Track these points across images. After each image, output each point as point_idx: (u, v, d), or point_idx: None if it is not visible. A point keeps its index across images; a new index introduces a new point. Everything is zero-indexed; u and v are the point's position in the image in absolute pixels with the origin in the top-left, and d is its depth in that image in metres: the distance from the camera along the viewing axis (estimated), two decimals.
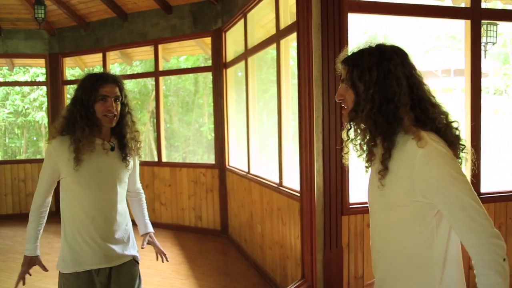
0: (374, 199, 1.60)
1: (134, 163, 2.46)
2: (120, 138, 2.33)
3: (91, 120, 2.19)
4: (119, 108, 2.27)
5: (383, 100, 1.47)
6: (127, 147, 2.33)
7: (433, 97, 1.54)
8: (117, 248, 2.31)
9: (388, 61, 1.49)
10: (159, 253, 2.59)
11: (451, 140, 1.50)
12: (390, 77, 1.47)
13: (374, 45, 1.54)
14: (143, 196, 2.64)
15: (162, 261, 2.59)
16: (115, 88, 2.24)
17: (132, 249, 2.42)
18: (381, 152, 1.49)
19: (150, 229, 2.60)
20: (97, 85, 2.21)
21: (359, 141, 1.63)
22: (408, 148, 1.43)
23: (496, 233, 1.34)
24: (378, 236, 1.60)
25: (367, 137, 1.54)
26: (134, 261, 2.42)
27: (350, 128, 1.61)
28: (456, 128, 1.53)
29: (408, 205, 1.46)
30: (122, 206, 2.36)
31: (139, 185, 2.62)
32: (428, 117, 1.49)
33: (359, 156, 1.67)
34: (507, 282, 1.34)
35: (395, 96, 1.46)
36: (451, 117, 1.54)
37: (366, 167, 1.68)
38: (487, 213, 1.37)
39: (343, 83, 1.57)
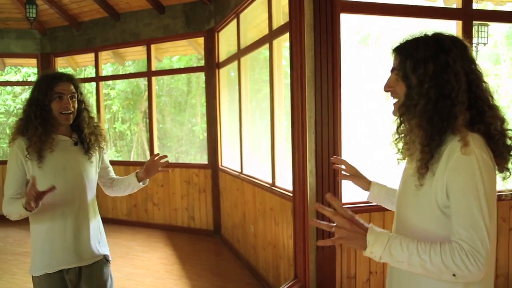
0: (406, 199, 1.49)
1: (100, 157, 2.47)
2: (80, 134, 2.37)
3: (46, 119, 2.23)
4: (75, 105, 2.31)
5: (439, 96, 1.36)
6: (85, 141, 2.35)
7: (492, 97, 1.42)
8: (88, 245, 2.31)
9: (446, 54, 1.38)
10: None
11: (501, 151, 1.39)
12: (448, 72, 1.36)
13: (430, 35, 1.44)
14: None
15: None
16: (70, 86, 2.28)
17: (104, 248, 2.42)
18: (421, 150, 1.38)
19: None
20: (52, 84, 2.25)
21: (400, 136, 1.53)
22: (449, 149, 1.34)
23: (482, 268, 1.27)
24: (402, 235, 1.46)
25: (419, 134, 1.39)
26: (105, 260, 2.41)
27: (401, 123, 1.49)
28: (510, 138, 1.41)
29: (438, 208, 1.38)
30: (92, 202, 2.38)
31: (114, 175, 2.61)
32: (484, 121, 1.38)
33: (399, 152, 1.57)
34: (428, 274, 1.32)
35: (453, 93, 1.35)
36: (507, 124, 1.43)
37: (399, 159, 1.58)
38: None
39: (393, 73, 1.47)
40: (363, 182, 1.91)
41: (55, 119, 2.27)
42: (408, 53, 1.42)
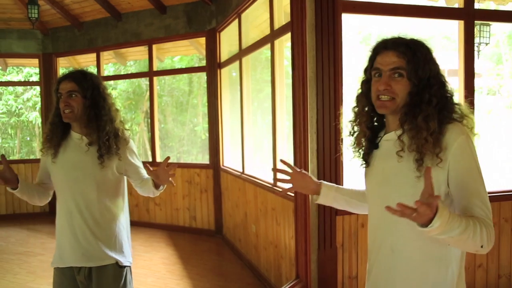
0: (399, 195, 1.46)
1: (122, 160, 2.35)
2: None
3: (55, 118, 2.31)
4: (75, 103, 2.23)
5: (443, 93, 1.47)
6: (97, 144, 2.26)
7: None
8: (96, 247, 2.28)
9: (434, 56, 1.50)
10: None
11: None
12: (441, 71, 1.50)
13: (414, 37, 1.51)
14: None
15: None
16: (68, 84, 2.24)
17: (117, 254, 2.34)
18: (429, 142, 1.41)
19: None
20: (56, 85, 2.28)
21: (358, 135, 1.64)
22: (448, 136, 1.42)
23: (492, 227, 1.39)
24: (399, 233, 1.51)
25: (428, 128, 1.42)
26: (117, 265, 2.34)
27: (405, 122, 1.48)
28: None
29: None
30: (105, 206, 2.31)
31: (144, 175, 2.46)
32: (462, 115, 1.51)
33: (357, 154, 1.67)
34: (462, 247, 1.42)
35: (449, 90, 1.49)
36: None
37: (364, 162, 1.65)
38: None
39: (390, 72, 1.47)
40: (312, 186, 1.89)
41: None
42: (413, 53, 1.46)
